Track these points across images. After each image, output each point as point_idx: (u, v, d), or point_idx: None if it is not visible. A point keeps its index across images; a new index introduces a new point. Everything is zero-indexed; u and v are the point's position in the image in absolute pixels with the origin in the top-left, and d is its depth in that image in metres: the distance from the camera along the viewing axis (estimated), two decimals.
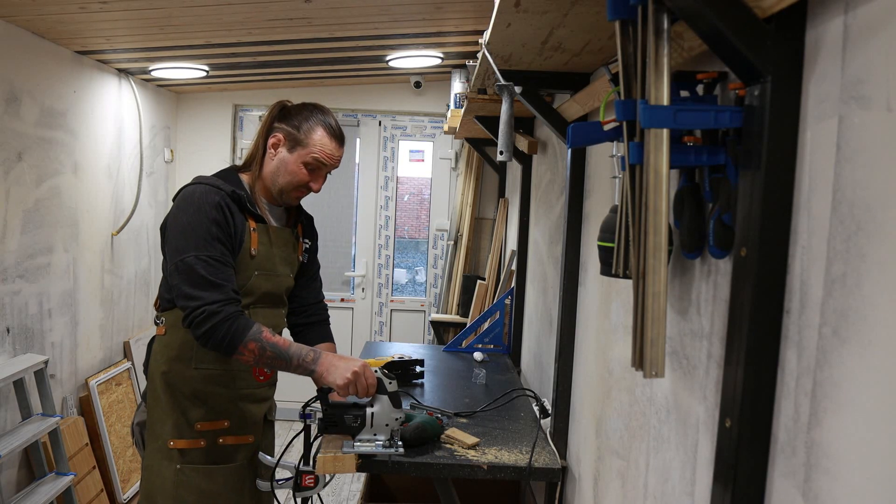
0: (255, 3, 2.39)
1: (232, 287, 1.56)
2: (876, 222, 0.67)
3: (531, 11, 1.32)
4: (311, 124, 1.69)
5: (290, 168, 1.69)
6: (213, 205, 1.57)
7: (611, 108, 1.38)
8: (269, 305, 1.75)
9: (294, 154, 1.69)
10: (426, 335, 4.62)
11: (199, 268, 1.52)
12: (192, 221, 1.55)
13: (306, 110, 1.71)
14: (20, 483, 2.72)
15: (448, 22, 2.78)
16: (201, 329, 1.51)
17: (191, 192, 1.61)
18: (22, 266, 2.72)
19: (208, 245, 1.54)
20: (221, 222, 1.57)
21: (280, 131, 1.70)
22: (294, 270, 1.84)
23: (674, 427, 1.16)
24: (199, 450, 1.67)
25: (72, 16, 2.50)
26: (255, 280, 1.67)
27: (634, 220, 0.94)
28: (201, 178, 1.65)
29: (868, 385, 0.67)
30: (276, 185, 1.71)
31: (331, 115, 1.74)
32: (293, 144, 1.69)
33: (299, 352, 1.57)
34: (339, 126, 1.75)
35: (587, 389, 1.80)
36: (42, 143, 2.84)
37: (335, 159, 1.73)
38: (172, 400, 1.66)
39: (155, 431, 1.68)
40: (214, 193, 1.59)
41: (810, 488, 0.76)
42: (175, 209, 1.61)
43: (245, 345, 1.52)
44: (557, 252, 2.29)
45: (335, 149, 1.72)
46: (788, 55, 0.79)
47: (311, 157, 1.68)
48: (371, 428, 1.63)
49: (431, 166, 4.59)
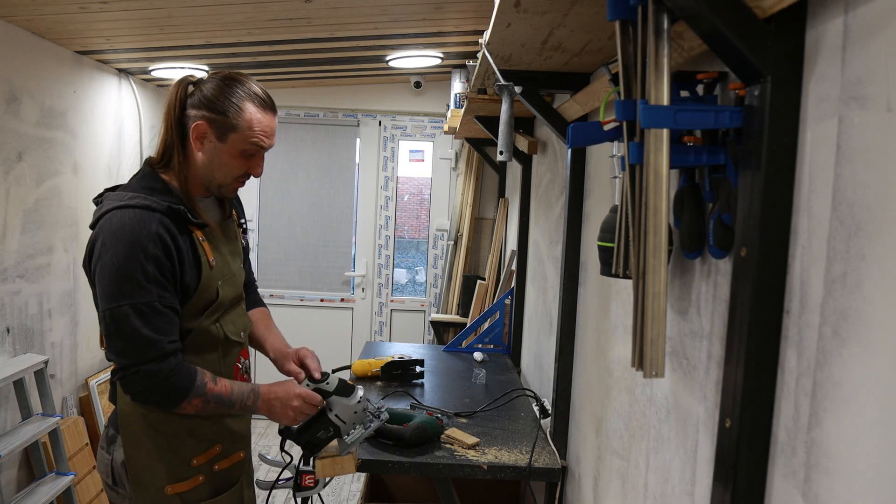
0: (255, 3, 2.39)
1: (169, 338, 1.37)
2: (876, 222, 0.67)
3: (531, 11, 1.32)
4: (236, 101, 1.41)
5: (225, 160, 1.44)
6: (149, 238, 1.33)
7: (611, 108, 1.38)
8: (234, 307, 1.59)
9: (227, 143, 1.42)
10: (426, 335, 4.62)
11: (133, 320, 1.32)
12: (122, 263, 1.32)
13: (224, 86, 1.42)
14: (20, 483, 2.72)
15: (448, 22, 2.78)
16: (133, 389, 1.37)
17: (119, 222, 1.34)
18: (22, 266, 2.72)
19: (143, 290, 1.33)
20: (160, 258, 1.34)
21: (201, 119, 1.41)
22: (242, 259, 1.67)
23: (674, 427, 1.16)
24: (200, 486, 1.50)
25: (72, 16, 2.50)
26: (222, 290, 1.50)
27: (634, 220, 0.94)
28: (124, 199, 1.38)
29: (868, 385, 0.67)
30: (213, 181, 1.47)
31: (251, 82, 1.46)
32: (223, 132, 1.42)
33: (241, 396, 1.46)
34: (264, 91, 1.47)
35: (587, 389, 1.80)
36: (42, 143, 2.84)
37: (273, 135, 1.48)
38: (160, 442, 1.46)
39: (142, 479, 1.45)
40: (148, 220, 1.34)
41: (810, 488, 0.76)
42: (101, 246, 1.35)
43: (189, 401, 1.39)
44: (557, 252, 2.29)
45: (271, 122, 1.46)
46: (788, 55, 0.79)
47: (250, 142, 1.43)
48: (346, 424, 1.59)
49: (431, 166, 4.59)
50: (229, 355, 1.56)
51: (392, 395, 2.39)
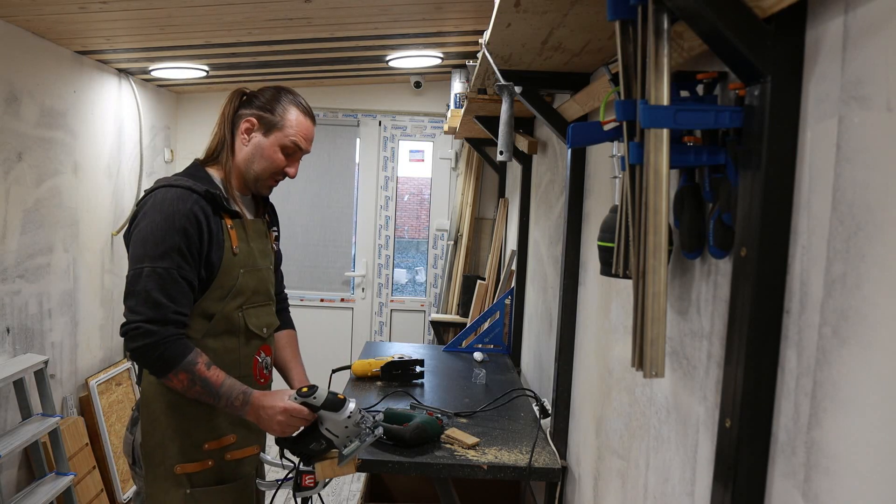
0: (255, 3, 2.39)
1: (177, 308, 1.45)
2: (876, 222, 0.67)
3: (531, 11, 1.32)
4: (284, 105, 1.61)
5: (267, 153, 1.60)
6: (183, 214, 1.46)
7: (611, 108, 1.38)
8: (260, 304, 1.66)
9: (270, 138, 1.60)
10: (426, 335, 4.62)
11: (150, 281, 1.43)
12: (155, 230, 1.45)
13: (274, 92, 1.63)
14: (20, 483, 2.72)
15: (448, 22, 2.78)
16: (132, 345, 1.44)
17: (161, 197, 1.49)
18: (22, 266, 2.72)
19: (166, 256, 1.44)
20: (191, 233, 1.47)
21: (252, 116, 1.61)
22: (272, 262, 1.75)
23: (674, 427, 1.16)
24: (208, 470, 1.57)
25: (72, 16, 2.50)
26: (243, 279, 1.58)
27: (634, 220, 0.94)
28: (170, 180, 1.53)
29: (868, 385, 0.67)
30: (252, 172, 1.62)
31: (299, 95, 1.67)
32: (268, 128, 1.60)
33: (229, 394, 1.48)
34: (308, 104, 1.67)
35: (587, 389, 1.80)
36: (42, 143, 2.84)
37: (310, 140, 1.66)
38: (176, 422, 1.55)
39: (155, 457, 1.54)
40: (187, 198, 1.48)
41: (810, 488, 0.76)
42: (142, 216, 1.49)
43: (176, 373, 1.44)
44: (557, 252, 2.29)
45: (311, 129, 1.66)
46: (788, 55, 0.79)
47: (290, 139, 1.61)
48: (339, 438, 1.55)
49: (431, 166, 4.59)
50: (249, 346, 1.63)
51: (392, 395, 2.39)
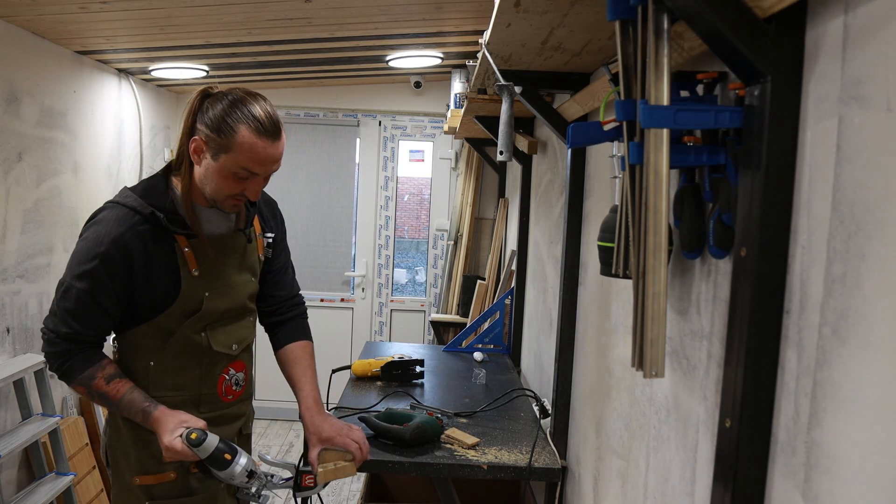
0: (255, 3, 2.39)
1: (84, 330, 1.45)
2: (876, 222, 0.67)
3: (531, 11, 1.32)
4: (231, 123, 1.37)
5: (216, 179, 1.43)
6: (111, 239, 1.40)
7: (611, 108, 1.38)
8: (230, 322, 1.58)
9: (218, 162, 1.41)
10: (426, 335, 4.62)
11: (66, 297, 1.44)
12: (83, 249, 1.43)
13: (226, 104, 1.39)
14: (20, 483, 2.72)
15: (448, 22, 2.78)
16: (42, 347, 1.48)
17: (103, 216, 1.45)
18: (22, 266, 2.72)
19: (84, 278, 1.42)
20: (115, 260, 1.41)
21: (200, 133, 1.41)
22: (257, 273, 1.65)
23: (674, 427, 1.16)
24: (169, 483, 1.51)
25: (72, 16, 2.50)
26: (209, 302, 1.51)
27: (634, 220, 0.94)
28: (122, 196, 1.47)
29: (868, 385, 0.67)
30: (207, 192, 1.47)
31: (258, 104, 1.40)
32: (216, 151, 1.40)
33: (129, 407, 1.46)
34: (269, 116, 1.40)
35: (587, 389, 1.80)
36: (42, 143, 2.84)
37: (269, 162, 1.43)
38: (134, 432, 1.51)
39: (119, 467, 1.53)
40: (124, 222, 1.42)
41: (810, 488, 0.76)
42: (85, 228, 1.48)
43: (74, 385, 1.47)
44: (557, 252, 2.29)
45: (266, 148, 1.40)
46: (788, 55, 0.79)
47: (240, 166, 1.40)
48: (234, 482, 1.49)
49: (431, 166, 4.59)
50: (214, 365, 1.57)
51: (392, 395, 2.39)
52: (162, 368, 1.51)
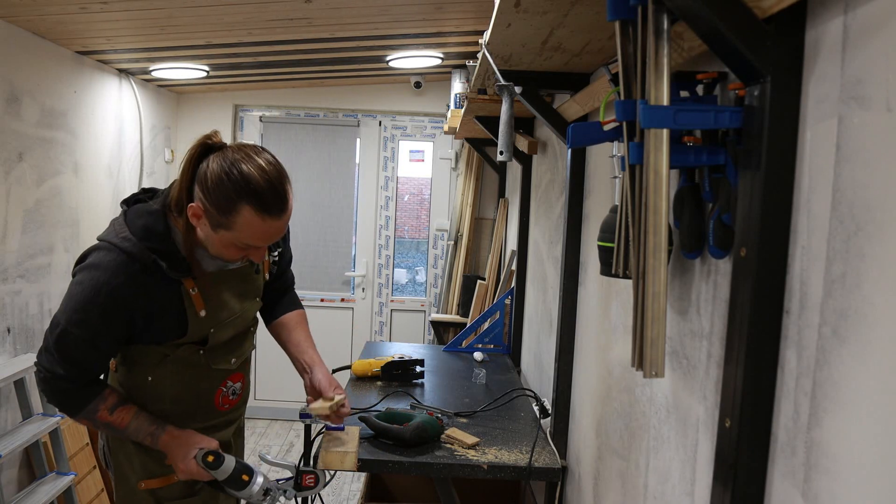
0: (256, 3, 2.39)
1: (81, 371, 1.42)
2: (876, 222, 0.67)
3: (531, 12, 1.32)
4: (232, 203, 1.30)
5: (217, 247, 1.39)
6: (108, 292, 1.34)
7: (611, 108, 1.38)
8: (236, 343, 1.60)
9: (218, 235, 1.35)
10: (426, 335, 4.62)
11: (63, 340, 1.38)
12: (80, 295, 1.36)
13: (225, 176, 1.30)
14: (21, 483, 2.72)
15: (448, 22, 2.79)
16: (39, 385, 1.45)
17: (98, 261, 1.36)
18: (22, 266, 2.72)
19: (82, 325, 1.36)
20: (111, 311, 1.36)
21: (199, 201, 1.34)
22: (260, 292, 1.66)
23: (674, 427, 1.16)
24: (174, 485, 1.53)
25: (72, 16, 2.50)
26: (215, 335, 1.51)
27: (634, 220, 0.94)
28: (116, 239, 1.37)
29: (868, 385, 0.67)
30: (208, 251, 1.43)
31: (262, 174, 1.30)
32: (215, 225, 1.34)
33: (136, 435, 1.47)
34: (273, 187, 1.31)
35: (587, 389, 1.80)
36: (42, 143, 2.84)
37: (274, 236, 1.37)
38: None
39: (122, 473, 1.53)
40: (120, 272, 1.34)
41: (810, 488, 0.76)
42: (78, 269, 1.40)
43: (78, 419, 1.47)
44: (557, 252, 2.29)
45: (270, 227, 1.34)
46: (788, 55, 0.79)
47: (240, 242, 1.36)
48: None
49: (431, 166, 4.59)
50: (213, 380, 1.58)
51: (392, 395, 2.39)
52: (160, 383, 1.51)
